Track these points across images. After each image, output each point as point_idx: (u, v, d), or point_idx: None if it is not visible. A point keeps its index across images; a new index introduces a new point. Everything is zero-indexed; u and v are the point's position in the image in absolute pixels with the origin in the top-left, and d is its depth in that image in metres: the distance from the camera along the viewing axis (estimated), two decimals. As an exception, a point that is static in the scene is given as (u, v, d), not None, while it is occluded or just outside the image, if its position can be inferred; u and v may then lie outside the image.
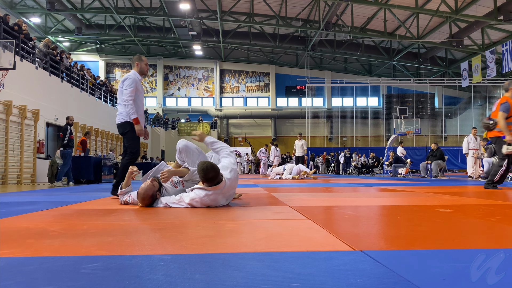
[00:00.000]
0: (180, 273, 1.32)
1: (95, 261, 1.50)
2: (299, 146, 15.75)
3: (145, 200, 3.50)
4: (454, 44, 23.24)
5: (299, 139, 15.94)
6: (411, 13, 22.55)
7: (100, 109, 19.15)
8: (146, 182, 3.56)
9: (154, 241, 1.91)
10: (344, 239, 1.89)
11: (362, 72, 32.85)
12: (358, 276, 1.28)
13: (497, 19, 19.38)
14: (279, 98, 33.18)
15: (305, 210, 3.24)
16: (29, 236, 2.10)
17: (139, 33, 26.39)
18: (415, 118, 28.12)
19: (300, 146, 15.73)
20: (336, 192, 5.88)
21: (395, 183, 8.86)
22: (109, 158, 12.86)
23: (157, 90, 32.80)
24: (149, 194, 3.50)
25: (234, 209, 3.47)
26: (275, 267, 1.41)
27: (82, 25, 24.98)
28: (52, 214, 3.16)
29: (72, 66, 16.57)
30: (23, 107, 11.94)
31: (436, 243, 1.87)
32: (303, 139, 16.04)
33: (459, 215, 2.91)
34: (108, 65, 32.48)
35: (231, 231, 2.22)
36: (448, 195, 4.89)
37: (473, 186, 7.47)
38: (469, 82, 21.75)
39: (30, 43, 13.17)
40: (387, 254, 1.61)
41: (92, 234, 2.14)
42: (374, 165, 21.56)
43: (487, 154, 11.54)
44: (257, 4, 23.47)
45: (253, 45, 28.14)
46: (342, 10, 22.75)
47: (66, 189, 7.68)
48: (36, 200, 4.75)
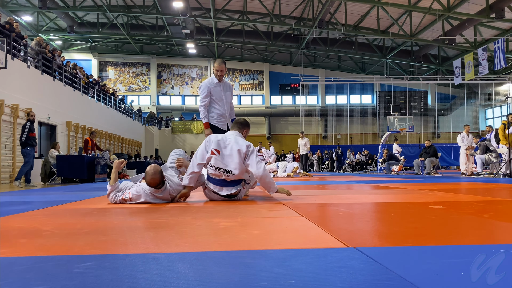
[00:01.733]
0: (174, 272, 1.31)
1: (88, 260, 1.49)
2: (303, 145, 15.74)
3: (156, 175, 3.65)
4: (446, 41, 23.38)
5: (301, 138, 15.91)
6: (404, 11, 22.64)
7: (93, 108, 19.05)
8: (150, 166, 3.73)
9: (148, 239, 1.91)
10: (337, 236, 1.89)
11: (356, 70, 32.94)
12: (351, 273, 1.28)
13: (489, 16, 19.52)
14: (273, 96, 33.19)
15: (299, 207, 3.25)
16: (21, 235, 2.09)
17: (132, 31, 26.25)
18: (408, 115, 28.25)
19: (304, 144, 15.71)
20: (330, 190, 5.90)
21: (389, 180, 8.90)
22: (103, 157, 12.80)
23: (150, 88, 32.68)
24: (158, 170, 3.67)
25: (228, 207, 3.47)
26: (269, 264, 1.41)
27: (74, 23, 24.81)
28: (45, 214, 3.14)
29: (65, 65, 16.45)
30: (15, 106, 11.85)
31: (429, 239, 1.88)
32: (305, 137, 15.95)
33: (452, 212, 2.93)
34: (101, 63, 32.29)
35: (225, 229, 2.22)
36: (441, 192, 4.92)
37: (466, 183, 7.52)
38: (461, 79, 21.89)
39: (21, 41, 13.06)
40: (381, 250, 1.62)
41: (85, 233, 2.13)
42: (368, 162, 21.64)
43: (479, 151, 11.62)
44: (250, 2, 23.44)
45: (247, 43, 28.11)
46: (336, 8, 22.79)
47: (59, 189, 7.63)
48: (29, 200, 4.72)
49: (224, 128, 5.31)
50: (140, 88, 32.80)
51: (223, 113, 5.31)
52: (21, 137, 9.61)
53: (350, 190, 5.80)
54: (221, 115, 5.32)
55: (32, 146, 9.70)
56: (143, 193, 3.71)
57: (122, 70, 32.59)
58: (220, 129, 5.28)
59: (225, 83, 5.36)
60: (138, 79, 32.78)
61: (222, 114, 5.32)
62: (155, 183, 3.66)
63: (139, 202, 3.73)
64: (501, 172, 10.54)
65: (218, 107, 5.28)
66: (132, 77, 32.71)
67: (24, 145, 9.58)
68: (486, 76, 25.21)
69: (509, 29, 22.88)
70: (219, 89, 5.27)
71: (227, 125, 5.34)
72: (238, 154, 3.82)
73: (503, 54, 17.35)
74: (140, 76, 32.75)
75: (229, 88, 5.39)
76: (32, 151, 9.74)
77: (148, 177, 3.64)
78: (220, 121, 5.31)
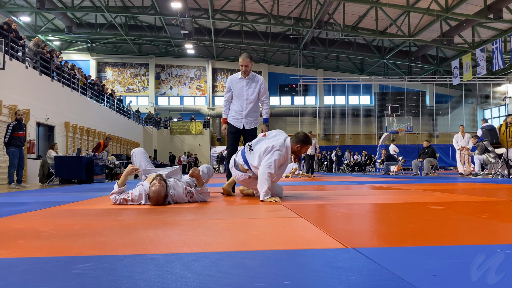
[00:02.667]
0: (172, 273, 1.31)
1: (86, 261, 1.49)
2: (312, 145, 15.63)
3: (159, 201, 3.59)
4: (445, 42, 23.43)
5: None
6: (402, 12, 22.67)
7: (92, 109, 19.03)
8: (154, 183, 3.58)
9: (146, 240, 1.90)
10: (336, 237, 1.89)
11: (354, 70, 32.97)
12: (350, 274, 1.28)
13: (487, 17, 19.57)
14: (271, 96, 33.17)
15: (298, 208, 3.25)
16: (20, 236, 2.08)
17: (130, 32, 26.24)
18: (406, 116, 28.33)
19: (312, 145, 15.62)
20: (328, 190, 5.90)
21: (387, 181, 8.91)
22: (101, 158, 12.78)
23: (149, 89, 32.65)
24: (162, 196, 3.59)
25: (227, 208, 3.47)
26: (267, 265, 1.41)
27: (72, 24, 24.78)
28: (43, 215, 3.13)
29: (63, 65, 16.44)
30: (13, 106, 11.83)
31: (428, 240, 1.88)
32: (314, 138, 15.81)
33: (451, 212, 2.94)
34: (99, 64, 32.26)
35: (224, 230, 2.22)
36: (440, 192, 4.93)
37: (464, 184, 7.54)
38: (460, 80, 21.92)
39: (20, 42, 13.04)
40: (379, 251, 1.62)
41: (84, 234, 2.13)
42: (366, 163, 21.66)
43: (478, 151, 11.64)
44: (249, 3, 23.45)
45: (245, 43, 28.11)
46: (334, 8, 22.80)
47: (57, 190, 7.62)
48: (27, 201, 4.71)
49: (238, 126, 5.11)
50: (138, 89, 32.78)
51: (240, 110, 5.09)
52: (4, 137, 9.27)
53: (349, 190, 5.80)
54: (237, 112, 5.11)
55: (17, 146, 9.35)
56: (144, 196, 3.70)
57: (121, 70, 32.56)
58: (234, 127, 5.11)
59: (252, 79, 5.08)
60: (136, 79, 32.75)
61: (238, 111, 5.10)
62: (158, 205, 3.62)
63: (139, 203, 3.73)
64: (499, 172, 10.56)
65: (236, 104, 5.10)
66: (131, 77, 32.68)
67: (8, 145, 9.24)
68: (484, 77, 25.26)
69: (507, 29, 22.93)
70: (242, 85, 5.06)
71: (243, 124, 5.10)
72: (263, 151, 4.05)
73: (501, 55, 17.39)
74: (138, 76, 32.72)
75: (255, 84, 5.09)
76: (17, 151, 9.36)
77: (152, 202, 3.61)
78: (235, 117, 5.11)
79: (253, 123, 5.15)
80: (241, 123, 5.10)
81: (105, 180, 12.75)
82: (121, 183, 3.84)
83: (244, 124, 5.09)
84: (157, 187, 3.54)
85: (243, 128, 5.12)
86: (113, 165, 14.17)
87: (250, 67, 5.01)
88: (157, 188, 3.54)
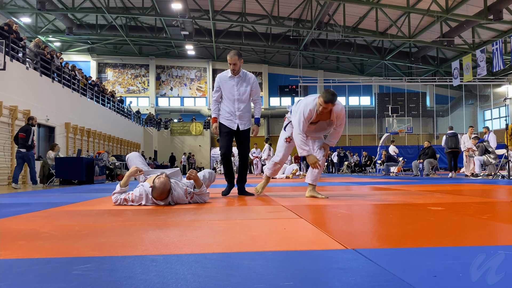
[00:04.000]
0: (173, 273, 1.31)
1: (87, 262, 1.49)
2: None
3: (164, 193, 3.60)
4: (445, 43, 23.43)
5: None
6: (402, 13, 22.68)
7: (92, 110, 19.03)
8: (160, 177, 3.62)
9: (147, 241, 1.91)
10: (336, 238, 1.89)
11: (354, 71, 32.98)
12: (350, 275, 1.28)
13: (487, 18, 19.56)
14: (272, 97, 33.21)
15: (298, 209, 3.25)
16: (20, 237, 2.08)
17: (131, 33, 26.25)
18: (407, 117, 28.32)
19: None
20: (329, 191, 5.90)
21: (388, 182, 8.90)
22: (101, 159, 12.79)
23: (149, 90, 32.66)
24: (168, 188, 3.62)
25: (227, 209, 3.48)
26: (267, 266, 1.41)
27: (73, 25, 24.80)
28: (43, 216, 3.13)
29: (63, 66, 16.44)
30: (14, 107, 11.84)
31: (428, 241, 1.88)
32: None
33: (451, 213, 2.94)
34: (99, 65, 32.27)
35: (224, 231, 2.22)
36: (440, 193, 4.93)
37: (465, 184, 7.53)
38: (460, 81, 21.92)
39: (20, 43, 13.05)
40: (379, 252, 1.62)
41: (84, 235, 2.13)
42: (366, 164, 21.65)
43: (478, 152, 11.64)
44: (249, 4, 23.46)
45: (246, 44, 28.12)
46: (334, 9, 22.81)
47: (57, 190, 7.62)
48: (27, 202, 4.71)
49: (232, 127, 4.83)
50: (139, 90, 32.79)
51: (232, 111, 4.79)
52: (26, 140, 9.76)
53: (349, 191, 5.80)
54: (230, 113, 4.80)
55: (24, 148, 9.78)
56: (145, 196, 3.71)
57: (121, 71, 32.58)
58: (227, 127, 4.83)
59: (243, 77, 4.80)
60: (137, 80, 32.77)
61: (231, 112, 4.80)
62: (160, 198, 3.64)
63: (139, 204, 3.74)
64: (500, 173, 10.55)
65: (228, 104, 4.80)
66: (131, 78, 32.69)
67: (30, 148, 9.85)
68: (484, 78, 25.23)
69: (507, 30, 22.93)
70: (232, 84, 4.77)
71: (237, 125, 4.83)
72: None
73: (501, 56, 17.39)
74: (139, 77, 32.74)
75: (246, 83, 4.80)
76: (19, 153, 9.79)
77: (156, 193, 3.60)
78: (229, 118, 4.82)
79: (247, 124, 4.91)
80: (234, 124, 4.83)
81: (106, 181, 12.74)
82: (124, 184, 3.87)
83: (239, 125, 4.84)
84: (163, 179, 3.60)
85: (237, 129, 4.86)
86: (113, 166, 14.17)
87: (239, 65, 4.73)
88: (163, 180, 3.60)
